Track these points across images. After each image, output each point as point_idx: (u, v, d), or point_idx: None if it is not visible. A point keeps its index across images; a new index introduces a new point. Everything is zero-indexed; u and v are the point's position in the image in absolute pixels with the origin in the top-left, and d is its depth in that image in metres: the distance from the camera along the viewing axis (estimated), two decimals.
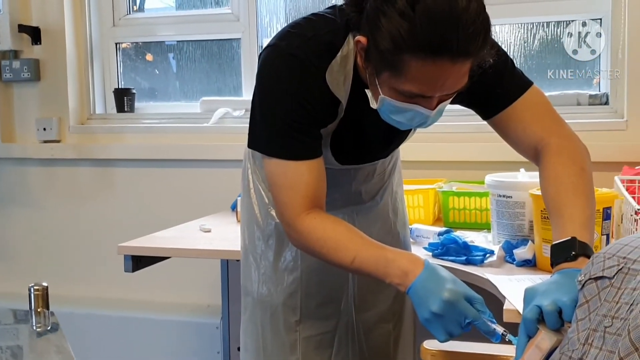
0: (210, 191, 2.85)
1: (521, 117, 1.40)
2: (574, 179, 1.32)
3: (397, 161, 1.73)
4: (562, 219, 1.27)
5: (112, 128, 3.08)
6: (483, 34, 1.16)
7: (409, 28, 1.12)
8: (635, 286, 0.92)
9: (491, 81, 1.37)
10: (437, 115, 1.27)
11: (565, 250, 1.21)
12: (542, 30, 2.66)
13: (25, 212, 3.19)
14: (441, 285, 1.20)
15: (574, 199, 1.29)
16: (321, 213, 1.35)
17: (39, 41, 3.07)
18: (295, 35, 1.33)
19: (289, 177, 1.34)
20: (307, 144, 1.34)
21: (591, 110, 2.53)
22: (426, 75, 1.16)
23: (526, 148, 1.42)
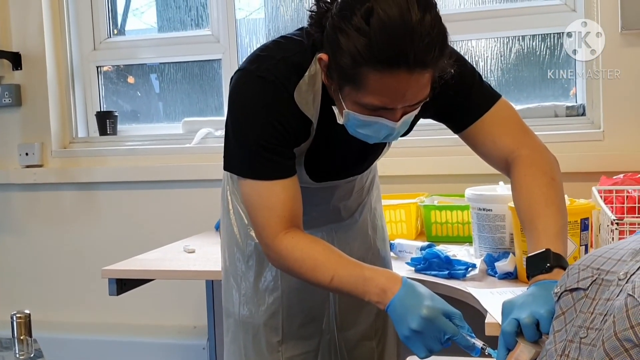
0: (194, 211, 2.85)
1: (491, 130, 1.42)
2: (545, 190, 1.34)
3: (375, 177, 1.75)
4: (535, 231, 1.30)
5: (95, 151, 3.08)
6: (439, 45, 1.18)
7: (365, 43, 1.14)
8: (609, 297, 0.94)
9: (460, 96, 1.40)
10: (403, 127, 1.29)
11: (540, 262, 1.23)
12: (517, 43, 2.70)
13: (7, 238, 3.17)
14: (419, 302, 1.21)
15: (546, 210, 1.31)
16: (299, 232, 1.36)
17: (20, 66, 3.07)
18: (264, 58, 1.36)
19: (264, 197, 1.35)
20: (280, 163, 1.35)
21: (568, 121, 2.56)
22: (386, 87, 1.18)
23: (497, 160, 1.44)
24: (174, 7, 3.16)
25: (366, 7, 1.14)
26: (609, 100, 2.42)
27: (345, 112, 1.27)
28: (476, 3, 2.73)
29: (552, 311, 1.07)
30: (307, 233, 1.38)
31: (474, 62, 2.73)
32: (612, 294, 0.93)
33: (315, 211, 1.57)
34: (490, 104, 1.43)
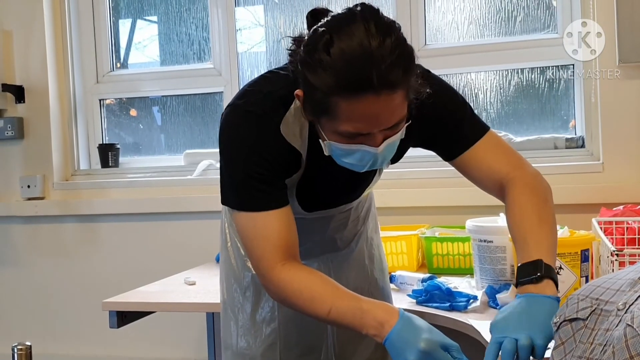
0: (195, 243, 2.85)
1: (484, 156, 1.44)
2: (537, 208, 1.36)
3: (372, 207, 1.76)
4: (527, 244, 1.31)
5: (97, 183, 3.10)
6: (403, 65, 1.20)
7: (328, 74, 1.17)
8: (608, 327, 0.94)
9: (451, 125, 1.43)
10: (388, 152, 1.29)
11: (531, 270, 1.25)
12: (517, 76, 2.72)
13: (8, 270, 3.17)
14: (417, 335, 1.20)
15: (539, 226, 1.33)
16: (295, 264, 1.36)
17: (23, 99, 3.10)
18: (252, 93, 1.39)
19: (259, 228, 1.36)
20: (272, 194, 1.36)
21: (568, 153, 2.58)
22: (356, 113, 1.20)
23: (491, 185, 1.46)
24: (177, 41, 3.20)
25: (325, 40, 1.18)
26: (608, 132, 2.44)
27: (326, 144, 1.29)
28: (475, 36, 2.76)
29: (550, 337, 1.08)
30: (303, 264, 1.39)
31: (474, 95, 2.75)
32: (611, 324, 0.94)
33: (311, 241, 1.58)
34: (482, 132, 1.46)
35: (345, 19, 1.20)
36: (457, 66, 2.74)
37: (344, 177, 1.47)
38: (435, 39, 2.78)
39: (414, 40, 2.74)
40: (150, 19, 3.35)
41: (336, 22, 1.21)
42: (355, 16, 1.20)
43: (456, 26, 2.77)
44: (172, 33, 3.22)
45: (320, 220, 1.58)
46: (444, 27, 2.79)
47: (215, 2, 3.02)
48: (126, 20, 3.31)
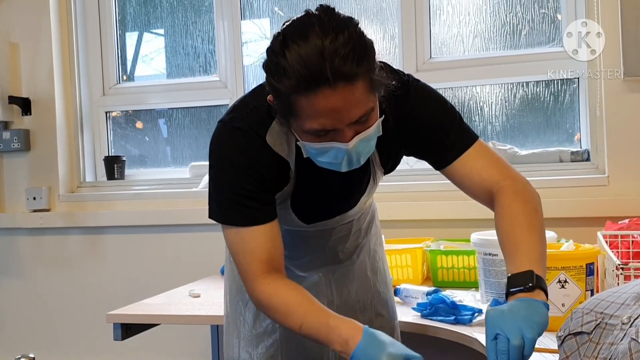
0: (200, 255, 2.85)
1: (474, 165, 1.44)
2: (528, 217, 1.36)
3: (375, 220, 1.75)
4: (517, 252, 1.30)
5: (102, 195, 3.10)
6: (358, 57, 1.20)
7: (287, 75, 1.19)
8: (613, 341, 0.94)
9: (441, 134, 1.43)
10: (361, 148, 1.29)
11: (522, 280, 1.24)
12: (522, 89, 2.73)
13: (14, 281, 3.18)
14: (380, 351, 1.21)
15: (529, 234, 1.33)
16: (276, 278, 1.38)
17: (29, 112, 3.11)
18: (239, 109, 1.42)
19: (244, 242, 1.39)
20: (258, 210, 1.38)
21: (573, 166, 2.57)
22: (317, 109, 1.21)
23: (482, 193, 1.45)
24: (183, 54, 3.22)
25: (281, 43, 1.21)
26: (613, 145, 2.44)
27: (300, 144, 1.31)
28: (481, 50, 2.77)
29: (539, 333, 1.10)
30: (286, 278, 1.40)
31: (479, 108, 2.75)
32: (616, 338, 0.93)
33: (313, 253, 1.59)
34: (471, 141, 1.46)
35: (300, 22, 1.23)
36: (462, 79, 2.74)
37: (336, 184, 1.48)
38: (440, 52, 2.79)
39: (419, 54, 2.75)
40: (157, 31, 3.37)
41: (293, 26, 1.23)
42: (310, 17, 1.22)
43: (461, 39, 2.78)
44: (178, 46, 3.23)
45: (320, 233, 1.59)
46: (449, 41, 2.80)
47: (221, 15, 3.04)
48: (133, 33, 3.33)
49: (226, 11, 3.03)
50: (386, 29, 2.85)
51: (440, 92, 1.52)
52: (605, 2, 2.41)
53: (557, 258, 1.68)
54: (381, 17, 2.86)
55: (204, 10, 3.15)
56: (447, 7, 2.80)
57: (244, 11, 3.05)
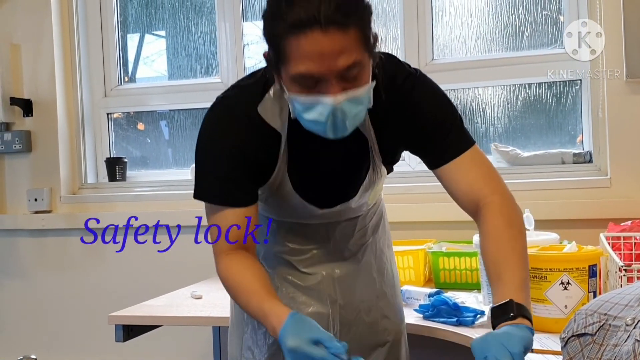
0: (202, 257, 2.84)
1: (467, 171, 1.45)
2: (513, 242, 1.36)
3: (383, 221, 1.75)
4: (500, 281, 1.31)
5: (104, 197, 3.10)
6: (354, 6, 1.24)
7: (281, 15, 1.23)
8: (617, 342, 0.93)
9: (441, 132, 1.44)
10: (348, 108, 1.28)
11: (504, 312, 1.25)
12: (524, 91, 2.72)
13: (15, 283, 3.18)
14: (287, 337, 1.24)
15: (512, 261, 1.33)
16: (238, 256, 1.43)
17: (31, 113, 3.12)
18: (234, 87, 1.48)
19: (216, 218, 1.44)
20: (233, 194, 1.42)
21: (575, 168, 2.57)
22: (305, 50, 1.22)
23: (468, 202, 1.45)
24: (184, 55, 3.22)
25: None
26: (615, 147, 2.43)
27: (288, 98, 1.32)
28: (483, 51, 2.76)
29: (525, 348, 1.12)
30: (249, 258, 1.44)
31: (481, 110, 2.75)
32: (620, 340, 0.93)
33: (317, 248, 1.60)
34: (468, 145, 1.46)
35: None
36: (464, 81, 2.74)
37: (333, 164, 1.49)
38: (442, 54, 2.79)
39: (421, 55, 2.75)
40: (159, 33, 3.37)
41: None
42: None
43: (464, 41, 2.78)
44: (180, 47, 3.23)
45: (325, 227, 1.60)
46: (452, 42, 2.80)
47: (223, 16, 3.04)
48: (134, 35, 3.33)
49: (228, 13, 3.03)
50: (388, 31, 2.85)
51: None
52: (608, 4, 2.41)
53: (560, 260, 1.68)
54: (383, 19, 2.86)
55: (205, 12, 3.15)
56: (450, 8, 2.79)
57: (246, 13, 3.05)
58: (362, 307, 1.65)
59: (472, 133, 1.50)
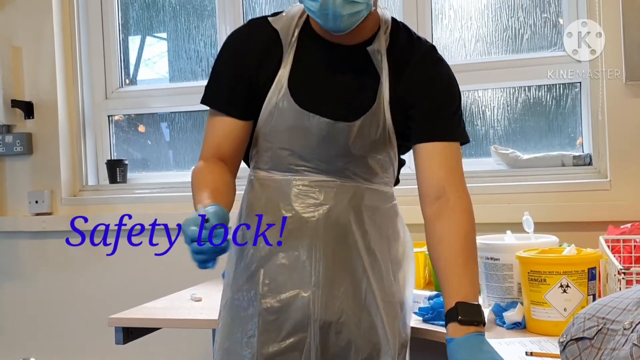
0: None
1: (447, 159, 1.53)
2: (462, 243, 1.45)
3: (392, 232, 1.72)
4: (450, 284, 1.43)
5: (104, 199, 3.11)
6: None
7: None
8: (615, 346, 0.94)
9: (443, 110, 1.54)
10: None
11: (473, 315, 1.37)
12: (524, 93, 2.73)
13: (16, 285, 3.18)
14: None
15: (463, 264, 1.43)
16: (212, 163, 1.56)
17: (32, 115, 3.12)
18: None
19: (209, 125, 1.62)
20: (230, 99, 1.56)
21: (575, 171, 2.57)
22: None
23: (434, 187, 1.53)
24: (185, 58, 3.22)
25: None
26: (615, 149, 2.44)
27: None
28: (483, 54, 2.77)
29: None
30: (221, 167, 1.55)
31: (481, 112, 2.76)
32: (618, 344, 0.93)
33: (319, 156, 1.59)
34: (457, 137, 1.55)
35: None
36: (464, 83, 2.70)
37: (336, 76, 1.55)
38: (442, 56, 2.78)
39: None
40: (160, 35, 3.38)
41: None
42: None
43: (463, 44, 2.79)
44: (181, 50, 3.24)
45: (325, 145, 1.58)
46: (451, 45, 2.80)
47: (223, 19, 3.05)
48: (135, 37, 3.34)
49: (229, 16, 3.03)
50: None
51: None
52: (607, 7, 2.41)
53: (559, 263, 1.68)
54: None
55: (206, 15, 3.16)
56: (449, 11, 2.80)
57: (247, 16, 3.05)
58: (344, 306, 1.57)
59: (471, 135, 1.55)
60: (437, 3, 2.79)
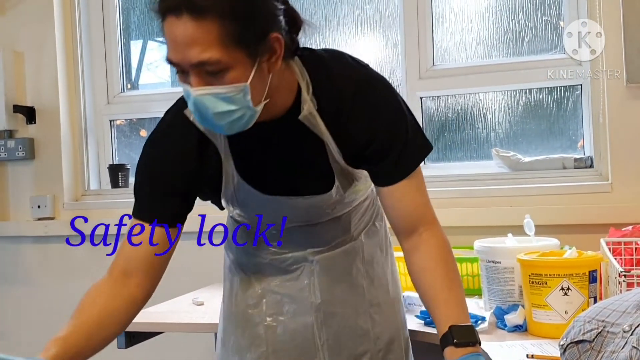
0: (203, 263, 2.85)
1: (412, 195, 1.44)
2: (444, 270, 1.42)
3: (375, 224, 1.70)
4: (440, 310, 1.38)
5: (107, 203, 3.11)
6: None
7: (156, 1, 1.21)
8: (614, 349, 0.94)
9: (387, 151, 1.40)
10: (208, 103, 1.22)
11: (468, 336, 1.33)
12: (525, 96, 2.73)
13: (18, 290, 3.18)
14: None
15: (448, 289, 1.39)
16: (111, 281, 1.51)
17: (34, 120, 3.13)
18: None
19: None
20: (148, 204, 1.44)
21: (576, 173, 2.57)
22: (167, 36, 1.20)
23: (406, 224, 1.46)
24: None
25: None
26: (616, 152, 2.44)
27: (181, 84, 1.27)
28: (483, 57, 2.77)
29: None
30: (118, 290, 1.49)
31: (482, 115, 2.75)
32: (617, 347, 0.93)
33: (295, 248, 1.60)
34: (415, 165, 1.44)
35: None
36: (465, 86, 2.74)
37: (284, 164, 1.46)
38: (443, 59, 2.80)
39: (422, 61, 2.76)
40: (161, 40, 3.38)
41: None
42: None
43: (464, 47, 2.79)
44: None
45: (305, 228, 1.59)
46: (452, 48, 2.80)
47: None
48: (137, 42, 3.34)
49: None
50: (389, 37, 2.86)
51: (444, 100, 1.51)
52: (608, 9, 2.41)
53: (560, 265, 1.68)
54: (384, 25, 2.87)
55: None
56: (450, 14, 2.80)
57: None
58: (350, 312, 1.62)
59: (473, 138, 1.52)
60: (438, 6, 2.79)
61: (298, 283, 1.61)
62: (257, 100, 1.26)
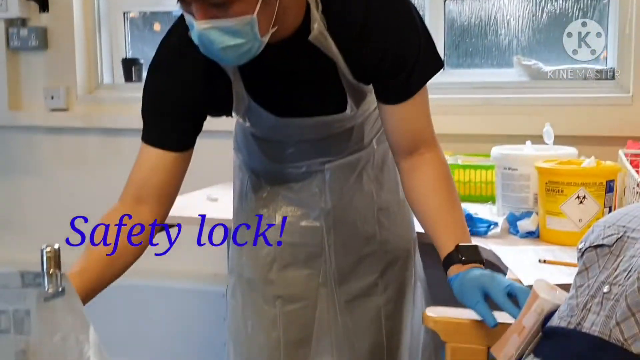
0: (217, 160, 2.85)
1: (415, 114, 1.43)
2: (445, 193, 1.41)
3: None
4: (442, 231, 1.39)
5: (120, 98, 3.09)
6: None
7: None
8: (634, 254, 0.94)
9: (398, 69, 1.36)
10: (213, 36, 1.18)
11: (475, 256, 1.34)
12: (550, 4, 2.65)
13: (33, 180, 3.21)
14: None
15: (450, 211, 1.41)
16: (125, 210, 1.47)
17: (47, 9, 3.07)
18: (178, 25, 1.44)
19: (137, 159, 1.46)
20: (159, 129, 1.40)
21: (597, 84, 2.53)
22: None
23: (403, 147, 1.45)
24: None
25: None
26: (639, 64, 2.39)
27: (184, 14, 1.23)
28: None
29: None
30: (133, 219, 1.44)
31: (505, 21, 2.68)
32: (637, 251, 0.94)
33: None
34: (422, 83, 1.41)
35: None
36: None
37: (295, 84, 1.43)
38: None
39: None
40: None
41: None
42: None
43: None
44: None
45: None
46: None
47: None
48: None
49: None
50: None
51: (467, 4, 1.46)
52: None
53: (578, 174, 1.68)
54: None
55: None
56: None
57: None
58: (358, 217, 1.64)
59: (495, 45, 1.49)
60: None
61: (309, 189, 1.63)
62: (264, 30, 1.22)
